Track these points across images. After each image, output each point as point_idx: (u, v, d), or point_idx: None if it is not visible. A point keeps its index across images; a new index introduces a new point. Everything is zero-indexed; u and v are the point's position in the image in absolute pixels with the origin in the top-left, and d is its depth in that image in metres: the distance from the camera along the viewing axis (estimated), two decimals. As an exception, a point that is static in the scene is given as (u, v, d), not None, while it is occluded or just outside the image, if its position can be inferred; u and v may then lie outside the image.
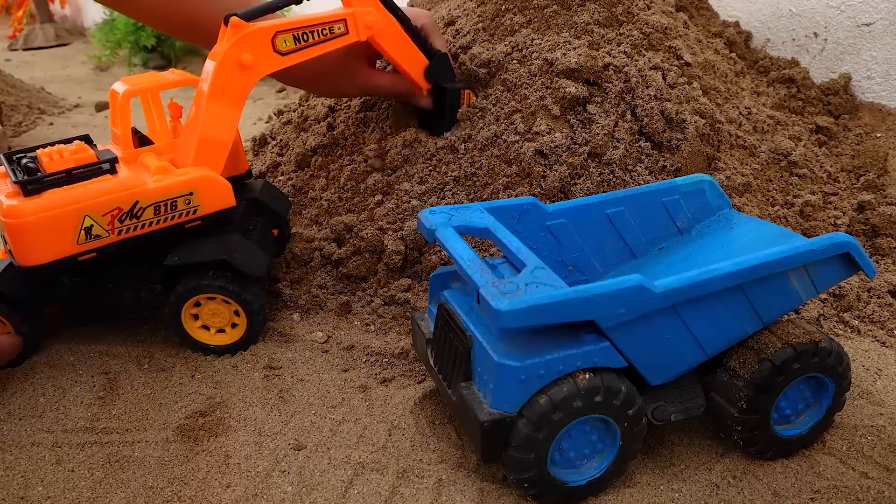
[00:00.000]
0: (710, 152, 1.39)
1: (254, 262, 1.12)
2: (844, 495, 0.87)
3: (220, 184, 1.10)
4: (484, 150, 1.35)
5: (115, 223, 1.03)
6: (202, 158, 1.10)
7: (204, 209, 1.09)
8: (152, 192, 1.04)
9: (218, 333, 1.15)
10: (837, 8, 1.85)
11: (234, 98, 1.11)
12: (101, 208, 1.01)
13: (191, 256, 1.09)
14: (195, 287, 1.10)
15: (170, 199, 1.05)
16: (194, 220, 1.09)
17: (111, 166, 1.05)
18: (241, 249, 1.12)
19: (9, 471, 0.92)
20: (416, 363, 1.11)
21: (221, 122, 1.10)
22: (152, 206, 1.05)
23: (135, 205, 1.03)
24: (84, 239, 1.02)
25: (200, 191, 1.08)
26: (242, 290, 1.11)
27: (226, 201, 1.11)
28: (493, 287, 0.75)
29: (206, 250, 1.09)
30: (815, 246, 0.85)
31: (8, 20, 5.96)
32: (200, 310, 1.13)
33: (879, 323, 1.20)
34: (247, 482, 0.89)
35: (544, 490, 0.83)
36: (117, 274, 1.12)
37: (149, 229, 1.06)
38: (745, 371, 0.86)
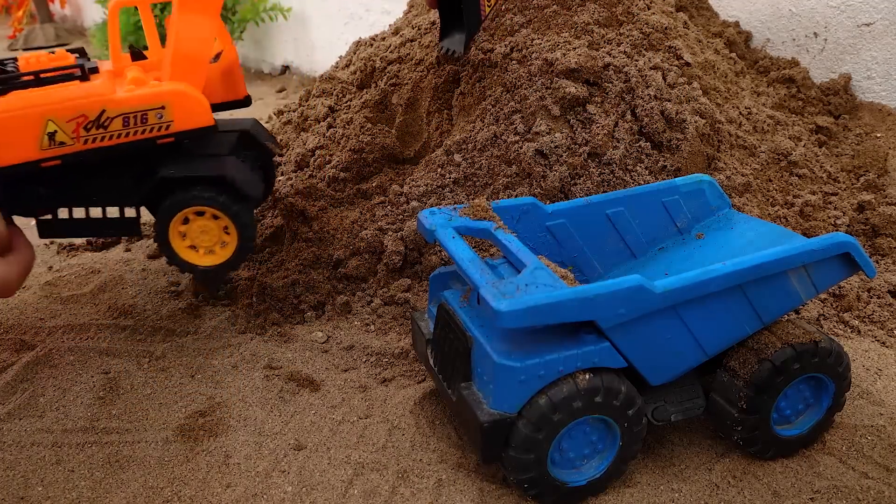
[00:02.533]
0: (710, 152, 1.39)
1: (250, 183, 1.11)
2: (844, 495, 0.87)
3: (196, 100, 1.04)
4: (484, 150, 1.34)
5: (81, 131, 0.99)
6: (178, 73, 1.05)
7: (177, 125, 1.04)
8: (120, 102, 1.00)
9: (207, 254, 1.12)
10: (837, 8, 1.85)
11: (206, 6, 1.06)
12: (65, 113, 0.98)
13: (188, 170, 1.06)
14: (186, 199, 1.06)
15: (140, 111, 1.01)
16: (166, 136, 1.04)
17: (83, 72, 1.01)
18: (238, 169, 1.10)
19: (9, 471, 0.92)
20: (416, 363, 1.11)
21: (195, 33, 1.05)
22: (121, 117, 1.00)
23: (101, 113, 0.99)
24: (47, 144, 0.98)
25: (173, 105, 1.02)
26: (234, 204, 1.08)
27: (201, 119, 1.05)
28: (493, 287, 0.75)
29: (204, 165, 1.07)
30: (815, 246, 0.85)
31: (8, 20, 5.96)
32: (188, 227, 1.10)
33: (879, 323, 1.20)
34: (247, 482, 0.89)
35: (544, 490, 0.83)
36: (100, 186, 1.09)
37: (116, 141, 1.01)
38: (745, 371, 0.86)
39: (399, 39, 1.67)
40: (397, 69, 1.60)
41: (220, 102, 1.21)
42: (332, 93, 1.71)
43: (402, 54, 1.62)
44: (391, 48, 1.67)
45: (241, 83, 1.23)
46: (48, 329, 1.23)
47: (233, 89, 1.21)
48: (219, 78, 1.21)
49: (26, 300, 1.34)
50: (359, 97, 1.63)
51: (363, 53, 1.79)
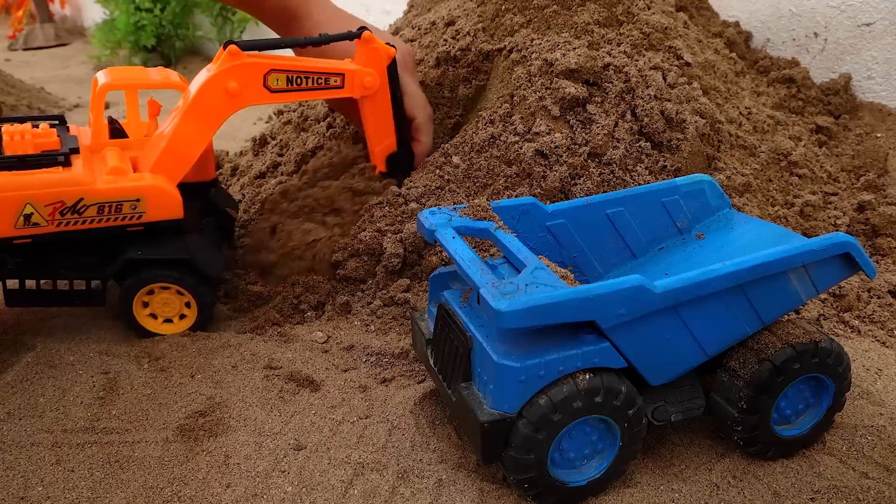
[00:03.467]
0: (710, 152, 1.39)
1: (213, 263, 1.18)
2: (844, 495, 0.87)
3: (170, 196, 1.12)
4: (483, 151, 1.34)
5: (56, 215, 1.05)
6: (162, 166, 1.12)
7: (149, 216, 1.11)
8: (99, 193, 1.06)
9: (165, 323, 1.19)
10: (837, 8, 1.85)
11: (212, 119, 1.15)
12: (44, 199, 1.04)
13: (155, 252, 1.13)
14: (151, 277, 1.14)
15: (115, 202, 1.08)
16: (137, 226, 1.11)
17: (65, 158, 1.06)
18: (201, 249, 1.16)
19: (9, 471, 0.92)
20: (416, 363, 1.11)
21: (192, 137, 1.14)
22: (96, 206, 1.07)
23: (79, 201, 1.05)
24: (22, 224, 1.04)
25: (149, 199, 1.10)
26: (199, 283, 1.16)
27: (172, 213, 1.13)
28: (493, 288, 0.75)
29: (170, 248, 1.14)
30: (815, 246, 0.85)
31: (8, 20, 5.96)
32: (152, 298, 1.17)
33: (879, 323, 1.20)
34: (247, 482, 0.89)
35: (544, 491, 0.83)
36: (68, 261, 1.14)
37: (89, 226, 1.08)
38: (745, 371, 0.86)
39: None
40: (397, 69, 1.59)
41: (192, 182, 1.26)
42: (332, 93, 1.71)
43: (402, 54, 1.62)
44: (391, 48, 1.66)
45: (211, 166, 1.32)
46: (48, 329, 1.23)
47: (203, 171, 1.29)
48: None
49: (26, 300, 1.34)
50: (359, 97, 1.63)
51: (363, 53, 1.78)
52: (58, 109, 3.12)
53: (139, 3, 3.82)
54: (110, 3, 3.98)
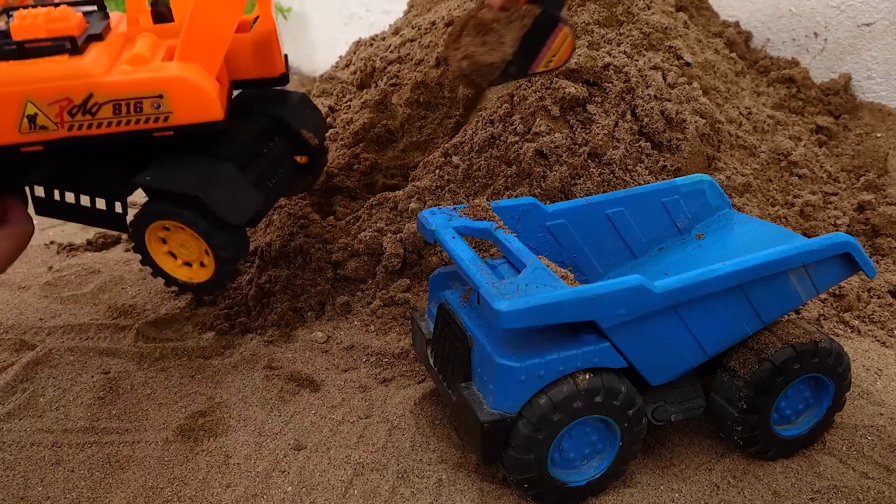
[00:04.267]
0: (710, 152, 1.39)
1: (236, 205, 0.92)
2: (844, 495, 0.87)
3: (201, 90, 0.88)
4: (483, 151, 1.34)
5: (65, 115, 0.86)
6: (190, 53, 0.89)
7: (177, 118, 0.88)
8: (111, 86, 0.85)
9: (184, 266, 0.99)
10: (837, 8, 1.85)
11: None
12: (47, 95, 0.84)
13: (162, 180, 0.91)
14: (159, 211, 0.93)
15: (133, 99, 0.86)
16: (164, 130, 0.88)
17: (73, 45, 0.85)
18: (224, 185, 0.92)
19: (9, 471, 0.92)
20: (416, 363, 1.11)
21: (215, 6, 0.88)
22: (111, 104, 0.86)
23: (88, 98, 0.85)
24: (27, 128, 0.86)
25: (173, 94, 0.87)
26: (214, 231, 0.92)
27: (207, 112, 0.89)
28: (494, 288, 0.75)
29: (181, 176, 0.91)
30: (815, 246, 0.85)
31: (8, 20, 5.96)
32: (169, 235, 0.96)
33: (879, 323, 1.20)
34: (247, 482, 0.89)
35: (544, 490, 0.83)
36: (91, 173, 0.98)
37: (106, 130, 0.87)
38: (745, 371, 0.86)
39: (399, 39, 1.67)
40: (397, 69, 1.60)
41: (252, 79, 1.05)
42: (332, 93, 1.71)
43: (402, 54, 1.62)
44: (391, 48, 1.67)
45: (277, 58, 1.05)
46: (48, 329, 1.23)
47: (267, 65, 1.03)
48: (250, 50, 1.03)
49: (26, 300, 1.34)
50: (359, 97, 1.63)
51: (363, 53, 1.79)
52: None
53: (139, 3, 3.81)
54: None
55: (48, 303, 1.33)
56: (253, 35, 1.03)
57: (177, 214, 0.91)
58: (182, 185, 0.89)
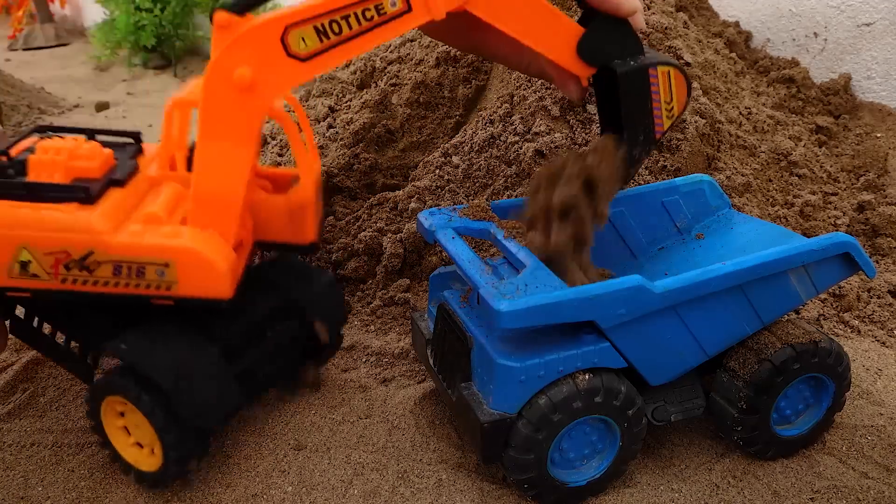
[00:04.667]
0: (710, 152, 1.39)
1: (206, 408, 0.83)
2: (844, 495, 0.87)
3: (211, 265, 0.80)
4: (483, 151, 1.34)
5: (60, 268, 0.79)
6: (201, 218, 0.81)
7: (180, 289, 0.81)
8: (114, 247, 0.79)
9: (137, 446, 0.88)
10: (837, 8, 1.85)
11: (235, 133, 0.78)
12: (43, 245, 0.78)
13: (134, 355, 0.82)
14: (120, 386, 0.84)
15: (136, 263, 0.79)
16: (164, 298, 0.82)
17: (87, 193, 0.79)
18: (201, 382, 0.83)
19: (9, 471, 0.92)
20: (416, 363, 1.11)
21: (222, 168, 0.80)
22: (111, 264, 0.79)
23: (88, 255, 0.79)
24: (17, 273, 0.80)
25: (180, 265, 0.79)
26: (168, 426, 0.82)
27: (214, 289, 0.81)
28: (493, 288, 0.75)
29: (156, 358, 0.82)
30: (815, 246, 0.85)
31: (8, 20, 5.96)
32: (127, 409, 0.86)
33: (879, 323, 1.20)
34: (247, 482, 0.89)
35: (544, 491, 0.83)
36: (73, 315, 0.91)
37: (101, 289, 0.81)
38: (745, 371, 0.86)
39: (399, 39, 1.67)
40: (397, 69, 1.60)
41: (280, 242, 0.96)
42: (332, 93, 1.71)
43: (402, 54, 1.62)
44: (391, 48, 1.67)
45: (310, 226, 0.95)
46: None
47: (298, 232, 0.94)
48: (284, 214, 0.94)
49: (26, 300, 1.34)
50: (359, 97, 1.63)
51: (363, 53, 1.79)
52: (58, 109, 3.12)
53: (139, 3, 3.81)
54: (110, 3, 3.97)
55: (48, 303, 1.33)
56: (288, 200, 0.94)
57: (135, 399, 0.82)
58: (153, 370, 0.81)
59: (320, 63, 0.77)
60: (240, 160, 0.80)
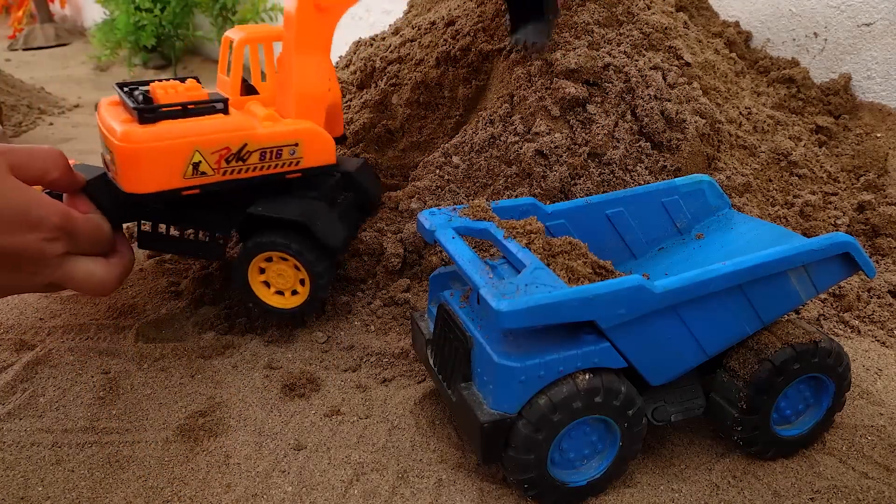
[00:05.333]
0: (710, 152, 1.39)
1: (333, 233, 1.11)
2: (844, 495, 0.87)
3: (325, 139, 1.10)
4: (483, 151, 1.34)
5: (222, 163, 1.03)
6: (303, 112, 1.10)
7: (307, 162, 1.09)
8: (261, 137, 1.05)
9: (276, 294, 1.14)
10: (837, 8, 1.85)
11: (319, 45, 1.10)
12: (211, 145, 1.01)
13: (274, 210, 1.08)
14: (270, 243, 1.09)
15: (276, 147, 1.06)
16: (296, 172, 1.09)
17: (224, 106, 1.05)
18: (324, 217, 1.11)
19: (9, 471, 0.92)
20: (416, 363, 1.11)
21: (312, 73, 1.10)
22: (259, 151, 1.05)
23: (243, 147, 1.03)
24: (191, 174, 1.02)
25: (306, 143, 1.08)
26: (316, 259, 1.10)
27: (328, 157, 1.11)
28: (493, 288, 0.75)
29: (290, 208, 1.08)
30: (815, 246, 0.85)
31: (8, 20, 5.96)
32: (269, 265, 1.12)
33: (879, 323, 1.20)
34: (247, 482, 0.89)
35: (544, 491, 0.83)
36: (197, 214, 1.13)
37: (252, 174, 1.06)
38: (745, 371, 0.86)
39: (399, 39, 1.67)
40: (397, 69, 1.60)
41: None
42: (332, 93, 1.71)
43: (402, 54, 1.62)
44: (391, 48, 1.67)
45: (340, 121, 1.26)
46: (48, 329, 1.23)
47: (334, 125, 1.23)
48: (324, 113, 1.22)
49: (26, 300, 1.34)
50: (359, 97, 1.63)
51: (363, 53, 1.79)
52: (58, 109, 3.12)
53: (139, 3, 3.82)
54: (110, 3, 3.98)
55: (48, 303, 1.33)
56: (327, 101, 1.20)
57: (283, 245, 1.08)
58: (291, 214, 1.07)
59: None
60: (323, 64, 1.12)
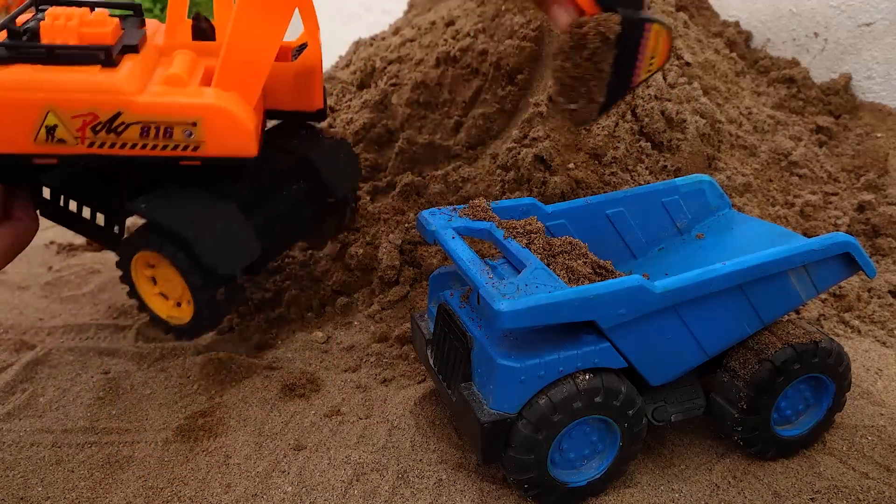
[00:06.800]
0: (711, 152, 1.39)
1: (226, 253, 0.86)
2: (844, 495, 0.87)
3: (239, 123, 0.81)
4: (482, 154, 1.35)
5: (87, 131, 0.79)
6: (228, 81, 0.83)
7: (208, 149, 0.82)
8: (142, 107, 0.79)
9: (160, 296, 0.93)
10: (837, 8, 1.85)
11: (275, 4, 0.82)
12: (71, 106, 0.77)
13: (154, 211, 0.85)
14: (144, 241, 0.87)
15: (164, 123, 0.80)
16: (191, 159, 0.83)
17: (107, 56, 0.79)
18: (219, 229, 0.86)
19: (9, 471, 0.92)
20: (416, 363, 1.11)
21: (257, 33, 0.82)
22: (139, 125, 0.79)
23: (116, 116, 0.78)
24: (44, 139, 0.79)
25: (208, 124, 0.80)
26: (191, 266, 0.85)
27: (241, 148, 0.83)
28: (493, 288, 0.75)
29: (175, 211, 0.84)
30: (815, 246, 0.85)
31: (8, 20, 5.96)
32: (156, 272, 0.90)
33: (880, 323, 1.20)
34: (247, 482, 0.89)
35: (544, 491, 0.83)
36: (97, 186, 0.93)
37: (128, 152, 0.81)
38: (745, 371, 0.86)
39: (399, 39, 1.67)
40: (397, 69, 1.60)
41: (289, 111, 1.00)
42: (331, 93, 1.71)
43: (402, 54, 1.62)
44: (391, 48, 1.67)
45: (318, 92, 0.99)
46: (48, 329, 1.23)
47: (306, 98, 0.98)
48: (291, 81, 0.98)
49: (26, 300, 1.34)
50: (359, 97, 1.63)
51: (363, 53, 1.79)
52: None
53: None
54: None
55: (48, 303, 1.33)
56: (296, 66, 0.98)
57: (157, 246, 0.85)
58: (173, 221, 0.84)
59: None
60: (277, 24, 0.83)
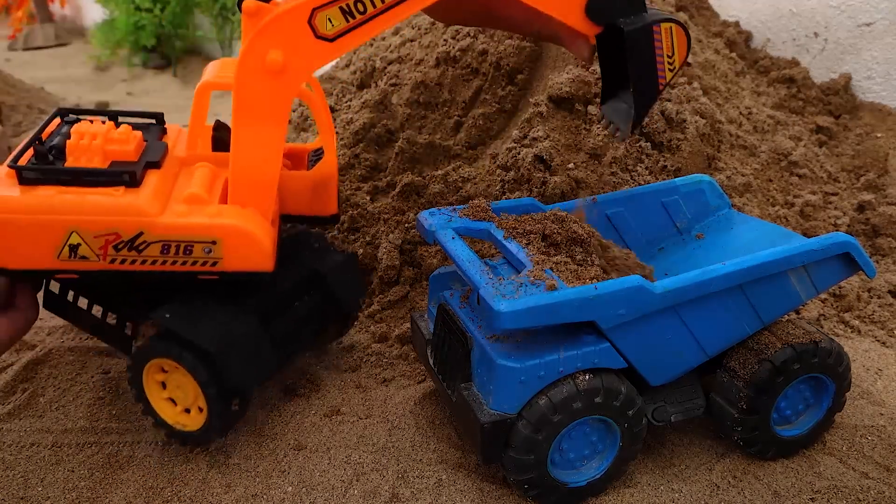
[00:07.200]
0: (711, 152, 1.39)
1: (249, 373, 0.88)
2: (844, 495, 0.87)
3: (257, 241, 0.84)
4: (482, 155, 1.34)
5: (110, 250, 0.82)
6: (242, 195, 0.85)
7: (227, 265, 0.85)
8: (164, 228, 0.82)
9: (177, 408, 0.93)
10: (837, 8, 1.85)
11: (269, 115, 0.83)
12: (94, 228, 0.81)
13: (180, 326, 0.86)
14: (155, 348, 0.87)
15: (184, 242, 0.83)
16: (210, 274, 0.85)
17: (131, 177, 0.83)
18: (244, 347, 0.88)
19: (9, 471, 0.92)
20: (416, 363, 1.11)
21: (258, 148, 0.83)
22: (160, 243, 0.83)
23: (138, 236, 0.82)
24: (67, 256, 0.82)
25: (227, 242, 0.83)
26: (210, 377, 0.86)
27: (258, 263, 0.85)
28: (493, 288, 0.75)
29: (201, 326, 0.86)
30: (815, 246, 0.85)
31: (8, 20, 5.96)
32: (167, 377, 0.91)
33: (879, 323, 1.20)
34: (247, 482, 0.89)
35: (544, 491, 0.83)
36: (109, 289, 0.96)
37: (150, 268, 0.84)
38: (745, 371, 0.86)
39: (399, 39, 1.67)
40: (397, 69, 1.60)
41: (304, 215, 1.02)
42: (331, 93, 1.71)
43: (402, 54, 1.62)
44: (391, 48, 1.67)
45: (332, 199, 1.01)
46: (48, 329, 1.23)
47: (321, 204, 1.00)
48: (309, 188, 1.00)
49: (26, 300, 1.34)
50: (359, 97, 1.63)
51: (363, 53, 1.79)
52: (58, 109, 3.11)
53: (139, 3, 3.81)
54: (110, 3, 3.97)
55: (48, 303, 1.33)
56: (313, 175, 1.00)
57: (176, 356, 0.86)
58: (201, 338, 0.85)
59: (347, 42, 0.81)
60: (274, 140, 0.84)
